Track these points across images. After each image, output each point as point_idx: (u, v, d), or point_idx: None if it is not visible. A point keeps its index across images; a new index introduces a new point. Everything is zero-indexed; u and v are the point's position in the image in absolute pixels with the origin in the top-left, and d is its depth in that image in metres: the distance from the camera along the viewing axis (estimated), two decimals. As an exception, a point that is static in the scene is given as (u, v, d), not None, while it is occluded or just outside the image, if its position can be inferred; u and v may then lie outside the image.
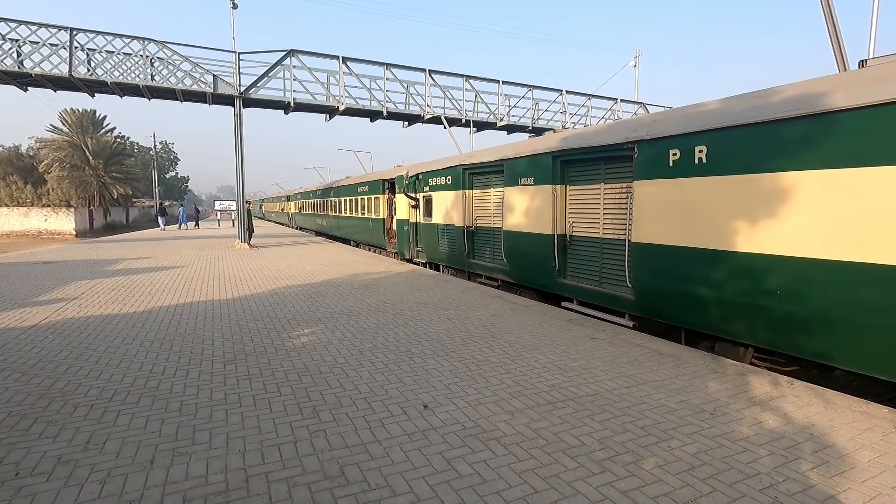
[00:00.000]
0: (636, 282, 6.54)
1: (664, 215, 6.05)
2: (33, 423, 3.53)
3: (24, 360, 4.93)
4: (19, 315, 6.93)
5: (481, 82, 19.68)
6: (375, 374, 4.60)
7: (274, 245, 19.82)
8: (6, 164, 47.44)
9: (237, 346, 5.53)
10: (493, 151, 10.33)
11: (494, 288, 9.08)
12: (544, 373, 4.68)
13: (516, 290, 9.65)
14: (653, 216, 6.22)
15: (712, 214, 5.44)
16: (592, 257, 7.57)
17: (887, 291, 4.00)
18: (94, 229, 41.92)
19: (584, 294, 7.72)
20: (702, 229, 5.58)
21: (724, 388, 4.32)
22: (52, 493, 2.69)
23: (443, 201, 12.27)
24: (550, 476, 2.89)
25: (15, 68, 14.21)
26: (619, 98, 23.36)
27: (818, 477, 2.92)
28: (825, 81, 4.74)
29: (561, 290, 8.16)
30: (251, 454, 3.12)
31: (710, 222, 5.46)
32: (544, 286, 8.64)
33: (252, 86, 16.36)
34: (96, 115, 47.27)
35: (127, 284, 9.67)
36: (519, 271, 9.34)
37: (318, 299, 8.19)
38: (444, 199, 12.22)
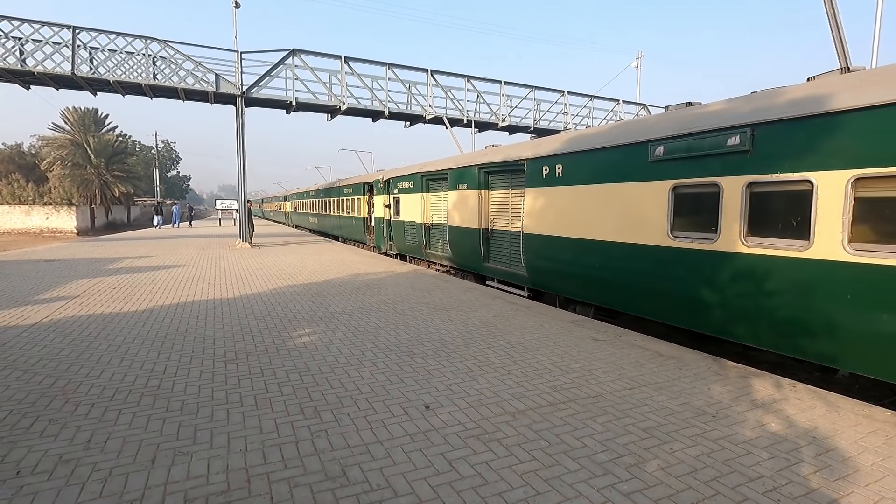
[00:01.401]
0: (527, 262, 8.94)
1: (540, 213, 8.44)
2: (34, 422, 3.53)
3: (26, 359, 4.93)
4: (21, 313, 6.93)
5: (483, 83, 19.68)
6: (377, 375, 4.60)
7: (275, 244, 19.82)
8: (8, 162, 47.51)
9: (238, 345, 5.53)
10: (444, 161, 12.54)
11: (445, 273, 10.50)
12: (546, 374, 4.68)
13: (457, 273, 11.99)
14: (533, 214, 8.61)
15: (565, 212, 7.82)
16: (504, 246, 9.93)
17: (646, 259, 6.38)
18: (95, 228, 41.97)
19: (500, 274, 10.03)
20: (560, 223, 7.96)
21: (727, 391, 4.31)
22: (54, 492, 2.68)
23: (408, 202, 14.59)
24: (552, 478, 2.89)
25: (18, 66, 14.23)
26: (621, 99, 23.34)
27: (821, 480, 2.91)
28: (613, 128, 7.52)
29: (486, 272, 10.53)
30: (252, 454, 3.12)
31: (564, 217, 7.85)
32: (475, 269, 11.02)
33: (254, 85, 16.36)
34: (98, 114, 47.36)
35: (128, 283, 9.67)
36: (458, 258, 11.75)
37: (320, 299, 8.19)
38: (409, 201, 14.51)
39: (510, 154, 9.54)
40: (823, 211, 4.52)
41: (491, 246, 10.35)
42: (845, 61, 6.58)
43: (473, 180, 10.67)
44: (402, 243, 15.32)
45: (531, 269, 8.83)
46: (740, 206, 5.23)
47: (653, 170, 6.29)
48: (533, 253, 8.72)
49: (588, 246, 7.37)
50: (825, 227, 4.50)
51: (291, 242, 21.17)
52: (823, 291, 4.56)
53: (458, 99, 19.13)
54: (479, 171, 10.44)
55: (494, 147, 11.02)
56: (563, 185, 7.95)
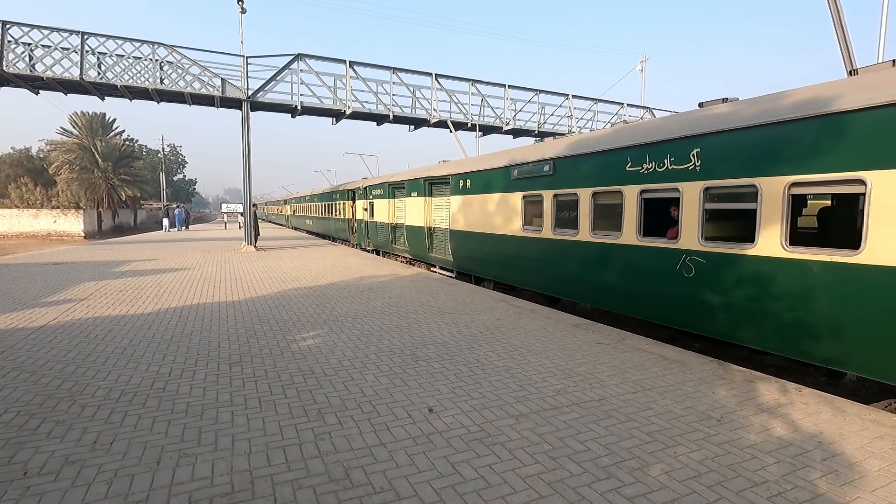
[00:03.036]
0: (452, 251, 11.99)
1: (458, 214, 11.57)
2: (41, 423, 3.56)
3: (33, 361, 4.97)
4: (28, 315, 7.00)
5: (487, 86, 19.72)
6: (380, 378, 4.61)
7: (279, 247, 19.91)
8: (17, 166, 48.03)
9: (243, 347, 5.55)
10: (403, 174, 15.82)
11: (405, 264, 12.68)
12: (549, 377, 4.67)
13: (412, 262, 15.21)
14: (455, 215, 11.74)
15: (471, 213, 10.95)
16: (441, 240, 12.81)
17: (512, 245, 9.36)
18: (102, 231, 42.27)
19: (439, 261, 13.04)
20: (469, 221, 11.09)
21: (732, 395, 4.29)
22: (60, 492, 2.70)
23: (379, 207, 17.80)
24: (556, 481, 2.88)
25: (27, 71, 14.39)
26: (625, 102, 23.32)
27: (827, 486, 2.89)
28: (493, 156, 10.65)
29: (431, 260, 13.57)
30: (256, 456, 3.13)
31: (471, 217, 10.96)
32: (424, 259, 14.14)
33: (260, 89, 16.47)
34: (106, 118, 47.74)
35: (134, 286, 9.74)
36: (412, 250, 14.86)
37: (324, 302, 8.21)
38: (380, 205, 17.74)
39: (442, 170, 12.84)
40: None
41: (433, 240, 13.42)
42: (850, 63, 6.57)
43: (421, 189, 13.78)
44: (376, 240, 18.45)
45: (455, 256, 12.03)
46: (551, 209, 8.34)
47: (513, 185, 9.46)
48: (455, 244, 11.91)
49: (484, 237, 10.58)
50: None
51: (296, 246, 21.25)
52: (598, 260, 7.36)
53: (462, 103, 19.19)
54: (424, 183, 13.54)
55: (443, 163, 14.03)
56: (470, 194, 11.18)
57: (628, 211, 6.66)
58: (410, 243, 14.85)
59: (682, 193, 5.92)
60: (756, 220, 5.10)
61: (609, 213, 7.14)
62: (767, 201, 5.01)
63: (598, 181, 7.29)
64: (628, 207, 6.66)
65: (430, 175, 13.29)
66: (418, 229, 14.02)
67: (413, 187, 14.42)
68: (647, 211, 6.62)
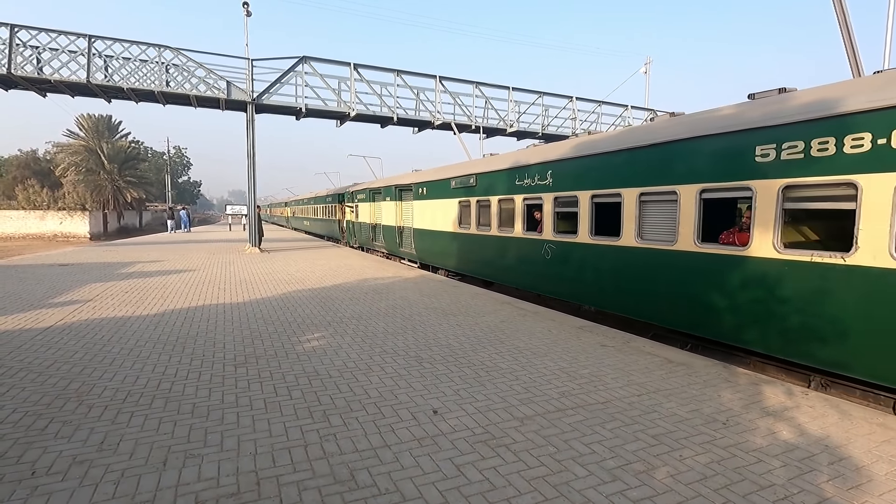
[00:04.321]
0: (415, 246, 14.87)
1: (417, 215, 14.50)
2: (49, 423, 3.59)
3: (41, 361, 5.01)
4: (35, 316, 7.05)
5: (491, 89, 19.73)
6: (385, 379, 4.62)
7: (284, 249, 19.97)
8: (24, 168, 48.38)
9: (248, 349, 5.58)
10: (381, 181, 19.66)
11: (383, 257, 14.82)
12: (554, 380, 4.66)
13: (388, 256, 17.78)
14: (415, 216, 14.70)
15: (428, 215, 13.63)
16: (408, 237, 15.52)
17: (455, 240, 12.13)
18: (107, 232, 42.51)
19: (406, 255, 15.93)
20: (425, 221, 13.83)
21: (737, 398, 4.27)
22: (68, 492, 2.72)
23: (362, 209, 20.88)
24: (561, 484, 2.88)
25: (35, 74, 14.51)
26: (629, 105, 23.29)
27: (834, 489, 2.88)
28: (440, 169, 13.78)
29: (401, 254, 16.47)
30: (262, 457, 3.14)
31: (427, 218, 13.71)
32: (395, 253, 17.01)
33: (264, 92, 16.55)
34: (112, 121, 48.13)
35: (140, 287, 9.80)
36: (387, 246, 17.72)
37: (328, 303, 8.23)
38: (363, 208, 20.74)
39: (407, 179, 15.90)
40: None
41: (402, 237, 16.19)
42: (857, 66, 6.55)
43: (393, 195, 16.85)
44: (360, 238, 21.45)
45: (417, 250, 14.94)
46: (476, 212, 11.16)
47: (452, 193, 12.33)
48: (417, 240, 14.83)
49: (435, 234, 13.40)
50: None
51: (300, 248, 21.31)
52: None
53: (466, 105, 19.20)
54: (395, 189, 16.57)
55: (414, 172, 16.55)
56: (426, 199, 14.05)
57: (517, 213, 9.66)
58: (385, 240, 17.88)
59: (543, 202, 8.88)
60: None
61: (507, 215, 10.13)
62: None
63: (501, 192, 10.27)
64: (518, 211, 9.64)
65: (399, 183, 16.41)
66: (391, 228, 17.08)
67: (387, 193, 17.47)
68: (527, 214, 9.56)
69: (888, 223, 4.20)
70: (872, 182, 4.28)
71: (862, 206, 4.37)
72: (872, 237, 4.28)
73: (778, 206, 5.02)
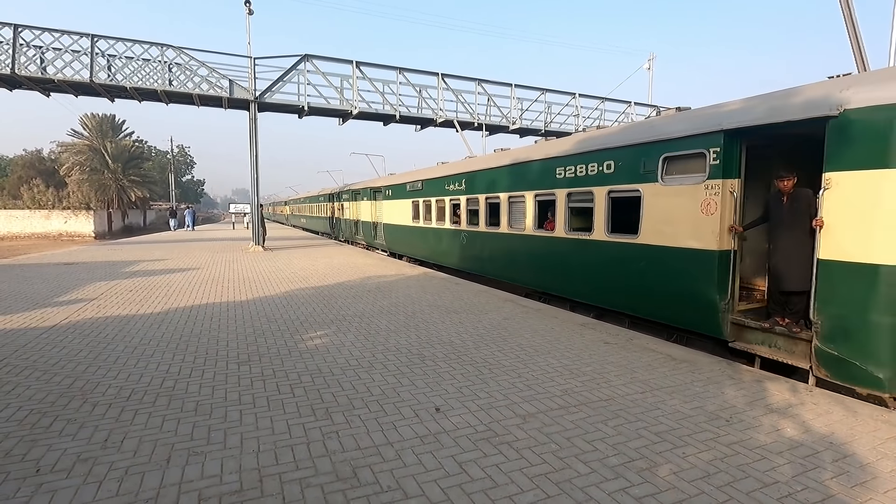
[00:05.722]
0: (384, 238, 18.12)
1: (386, 212, 18.04)
2: (54, 421, 3.61)
3: (46, 360, 5.04)
4: (40, 315, 7.09)
5: (493, 86, 19.67)
6: (387, 377, 4.62)
7: (287, 247, 20.01)
8: (29, 168, 48.63)
9: (251, 347, 5.59)
10: (361, 183, 23.05)
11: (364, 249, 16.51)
12: (557, 377, 4.66)
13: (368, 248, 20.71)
14: (384, 213, 18.21)
15: (392, 212, 17.22)
16: (381, 231, 18.69)
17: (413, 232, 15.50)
18: (112, 231, 42.71)
19: (379, 245, 19.04)
20: (391, 217, 17.40)
21: (741, 395, 4.25)
22: (72, 490, 2.74)
23: (347, 207, 24.61)
24: (563, 481, 2.88)
25: (38, 74, 14.55)
26: (633, 101, 23.19)
27: (838, 487, 2.86)
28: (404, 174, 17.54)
29: (375, 245, 19.57)
30: (265, 454, 3.15)
31: (392, 215, 17.28)
32: (371, 244, 20.18)
33: (267, 90, 16.55)
34: (116, 120, 48.26)
35: (144, 286, 9.84)
36: (365, 238, 21.14)
37: (331, 301, 8.24)
38: (348, 206, 24.53)
39: (378, 182, 19.69)
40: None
41: (376, 231, 19.38)
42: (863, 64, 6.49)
43: (369, 195, 20.31)
44: (347, 233, 25.03)
45: (386, 241, 18.25)
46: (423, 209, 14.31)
47: (408, 194, 15.55)
48: (386, 233, 18.15)
49: (398, 228, 16.75)
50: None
51: (303, 246, 21.35)
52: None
53: (468, 102, 19.15)
54: (370, 191, 20.14)
55: (389, 175, 20.42)
56: (391, 199, 17.44)
57: (446, 211, 12.96)
58: (364, 234, 21.35)
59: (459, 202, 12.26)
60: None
61: (440, 212, 13.39)
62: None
63: (436, 194, 13.52)
64: (446, 209, 12.95)
65: (373, 185, 20.05)
66: (368, 223, 20.54)
67: (364, 194, 21.04)
68: (452, 210, 12.69)
69: (657, 217, 6.49)
70: (649, 190, 6.61)
71: (644, 204, 6.65)
72: (648, 226, 6.61)
73: (608, 204, 7.35)
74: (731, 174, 5.61)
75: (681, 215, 6.12)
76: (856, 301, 4.46)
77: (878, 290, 4.30)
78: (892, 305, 4.25)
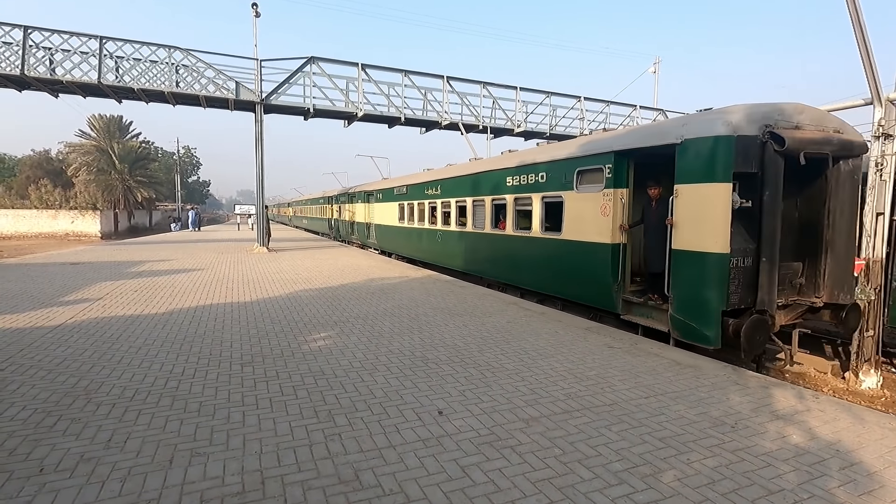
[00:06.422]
0: (376, 237, 20.16)
1: (377, 214, 19.96)
2: (58, 421, 3.62)
3: (50, 359, 5.06)
4: (46, 314, 7.13)
5: (498, 89, 19.69)
6: (390, 379, 4.61)
7: (291, 249, 20.06)
8: (36, 168, 49.05)
9: (255, 348, 5.60)
10: (356, 186, 24.74)
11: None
12: (560, 381, 4.63)
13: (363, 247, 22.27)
14: (376, 214, 20.14)
15: (383, 213, 19.11)
16: (374, 231, 20.41)
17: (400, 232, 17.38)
18: (118, 231, 43.00)
19: (372, 245, 20.78)
20: (382, 219, 19.30)
21: (746, 401, 4.22)
22: (75, 489, 2.74)
23: (344, 209, 26.50)
24: (566, 486, 2.86)
25: (47, 75, 14.71)
26: (638, 105, 23.14)
27: (845, 495, 2.83)
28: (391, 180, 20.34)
29: (368, 244, 21.36)
30: (267, 456, 3.15)
31: (383, 216, 19.21)
32: (365, 243, 21.84)
33: (273, 92, 16.63)
34: (123, 121, 48.61)
35: (149, 286, 9.88)
36: (359, 238, 22.98)
37: (335, 303, 8.25)
38: (344, 208, 26.36)
39: (370, 186, 21.44)
40: None
41: (369, 231, 21.17)
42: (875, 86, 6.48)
43: (363, 198, 22.27)
44: (343, 233, 27.07)
45: (377, 240, 19.96)
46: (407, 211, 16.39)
47: (396, 198, 17.39)
48: (377, 233, 19.90)
49: (387, 227, 18.44)
50: None
51: (307, 247, 21.41)
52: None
53: (473, 105, 19.18)
54: (364, 194, 22.05)
55: (383, 180, 21.87)
56: (381, 202, 19.16)
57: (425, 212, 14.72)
58: (359, 234, 23.19)
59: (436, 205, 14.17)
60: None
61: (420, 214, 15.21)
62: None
63: (417, 198, 15.37)
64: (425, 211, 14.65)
65: (366, 189, 21.86)
66: (362, 224, 22.45)
67: (359, 196, 22.96)
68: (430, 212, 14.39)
69: (573, 218, 8.11)
70: (568, 196, 8.25)
71: (565, 208, 8.30)
72: (568, 224, 8.25)
73: (542, 207, 9.04)
74: (621, 185, 7.19)
75: (588, 216, 7.72)
76: (693, 279, 6.01)
77: (707, 270, 5.84)
78: (715, 281, 5.76)
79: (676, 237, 6.18)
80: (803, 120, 6.06)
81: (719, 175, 5.76)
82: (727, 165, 5.70)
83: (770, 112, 5.93)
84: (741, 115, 5.86)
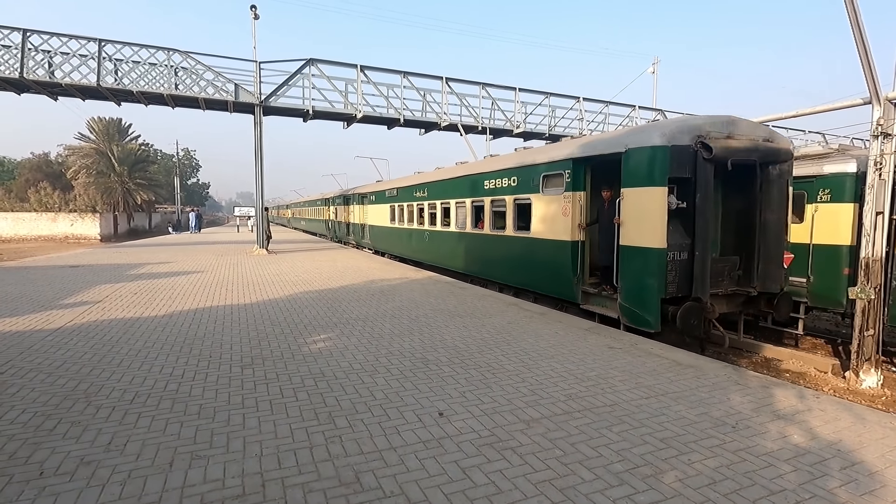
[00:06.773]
0: (370, 237, 21.35)
1: (371, 215, 21.14)
2: (58, 424, 3.61)
3: (50, 362, 5.06)
4: (46, 317, 7.12)
5: (498, 90, 19.71)
6: (391, 381, 4.61)
7: (291, 251, 20.06)
8: (36, 171, 49.05)
9: (255, 350, 5.59)
10: (352, 189, 25.69)
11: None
12: (561, 382, 4.63)
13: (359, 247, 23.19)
14: (369, 215, 21.40)
15: (376, 215, 20.22)
16: (367, 231, 21.62)
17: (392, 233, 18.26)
18: (118, 234, 42.98)
19: (367, 245, 21.79)
20: (375, 220, 20.48)
21: (747, 401, 4.22)
22: (75, 493, 2.74)
23: (339, 210, 27.52)
24: (567, 488, 2.85)
25: (46, 78, 14.71)
26: (637, 105, 23.16)
27: (846, 495, 2.82)
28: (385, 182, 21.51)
29: (363, 245, 22.38)
30: (267, 458, 3.14)
31: (376, 217, 20.37)
32: (361, 244, 22.71)
33: (272, 94, 16.64)
34: (122, 123, 48.59)
35: (149, 288, 9.87)
36: (354, 238, 24.04)
37: (335, 305, 8.25)
38: (340, 210, 27.44)
39: (365, 189, 22.36)
40: None
41: (363, 231, 22.16)
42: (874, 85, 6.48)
43: (357, 200, 23.38)
44: (339, 234, 28.16)
45: (371, 240, 20.96)
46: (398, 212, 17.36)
47: (388, 200, 18.35)
48: (371, 233, 20.88)
49: (380, 228, 19.52)
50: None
51: (307, 249, 21.40)
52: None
53: (472, 106, 19.19)
54: (358, 196, 23.12)
55: (376, 183, 22.66)
56: (374, 204, 20.03)
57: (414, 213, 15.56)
58: (354, 234, 24.35)
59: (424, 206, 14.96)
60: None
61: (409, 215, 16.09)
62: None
63: (407, 199, 16.17)
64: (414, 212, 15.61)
65: (361, 191, 22.94)
66: (357, 225, 23.64)
67: (354, 199, 24.11)
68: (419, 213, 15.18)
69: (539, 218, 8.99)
70: (535, 198, 9.15)
71: (533, 209, 9.19)
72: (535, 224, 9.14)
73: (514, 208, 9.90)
74: (579, 188, 8.07)
75: (552, 216, 8.63)
76: (637, 271, 6.84)
77: (647, 263, 6.66)
78: (655, 273, 6.58)
79: (623, 234, 7.05)
80: (735, 131, 6.85)
81: (657, 180, 6.60)
82: (663, 171, 6.53)
83: (702, 124, 6.72)
84: (676, 127, 6.70)
